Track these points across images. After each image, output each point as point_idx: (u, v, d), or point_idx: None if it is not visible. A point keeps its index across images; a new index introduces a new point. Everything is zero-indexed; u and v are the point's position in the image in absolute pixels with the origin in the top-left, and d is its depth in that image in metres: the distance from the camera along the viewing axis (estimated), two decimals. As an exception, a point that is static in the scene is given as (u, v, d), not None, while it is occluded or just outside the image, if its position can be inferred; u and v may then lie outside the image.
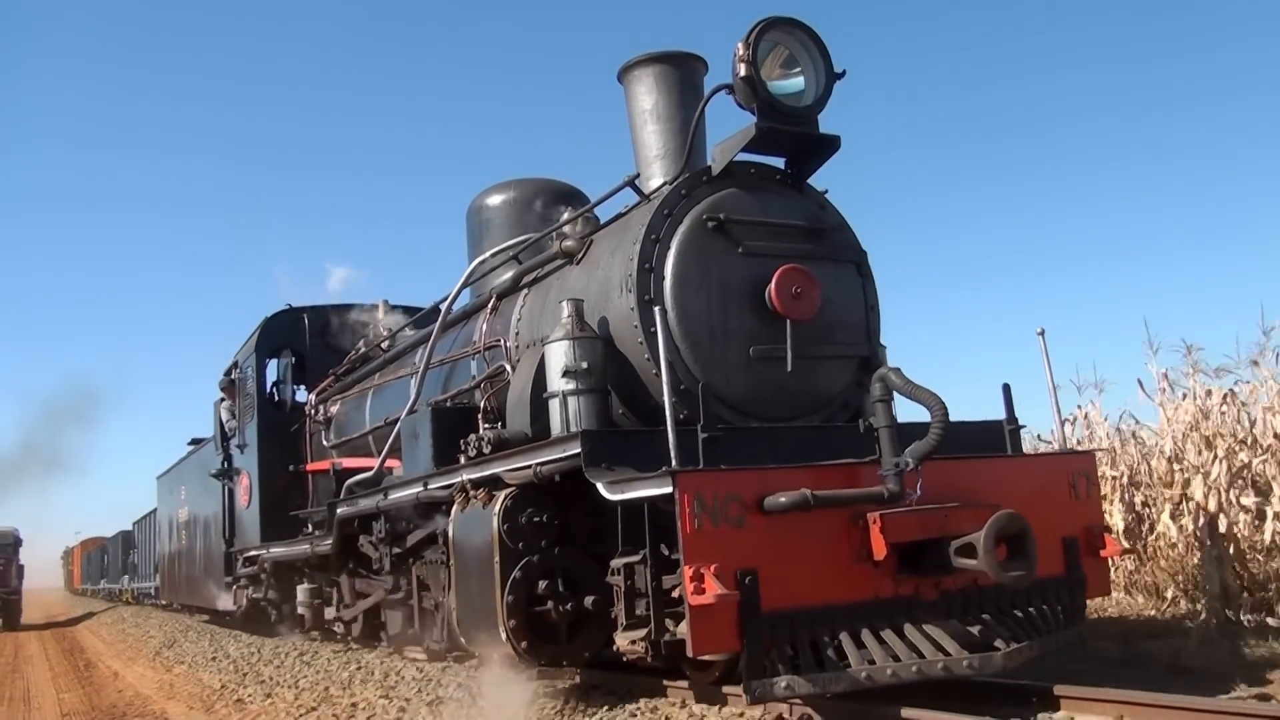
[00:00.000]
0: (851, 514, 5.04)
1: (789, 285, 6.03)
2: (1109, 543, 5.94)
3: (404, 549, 8.00)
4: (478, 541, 6.16)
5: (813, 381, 6.29)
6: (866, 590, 5.08)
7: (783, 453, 5.54)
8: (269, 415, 12.57)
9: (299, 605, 10.80)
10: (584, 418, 5.93)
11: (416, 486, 7.29)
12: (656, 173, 6.83)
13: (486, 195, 8.79)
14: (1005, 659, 5.07)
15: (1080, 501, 5.94)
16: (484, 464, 6.32)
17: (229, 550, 13.77)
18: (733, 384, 6.02)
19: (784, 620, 4.81)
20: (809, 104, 6.26)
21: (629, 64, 7.03)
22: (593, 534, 6.02)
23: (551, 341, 6.15)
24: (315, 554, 9.92)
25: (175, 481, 19.34)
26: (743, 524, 4.77)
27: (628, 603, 5.37)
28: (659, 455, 4.98)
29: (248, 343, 13.12)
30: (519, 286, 7.63)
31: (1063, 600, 5.73)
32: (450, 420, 7.33)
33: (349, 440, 10.74)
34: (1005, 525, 5.01)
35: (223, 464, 13.94)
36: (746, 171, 6.49)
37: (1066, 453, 6.16)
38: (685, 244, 6.10)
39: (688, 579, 4.58)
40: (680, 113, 6.88)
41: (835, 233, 6.65)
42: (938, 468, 5.21)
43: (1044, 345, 6.26)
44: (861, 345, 6.57)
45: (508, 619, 5.81)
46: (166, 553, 20.67)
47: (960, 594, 5.34)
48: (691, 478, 4.71)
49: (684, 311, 6.00)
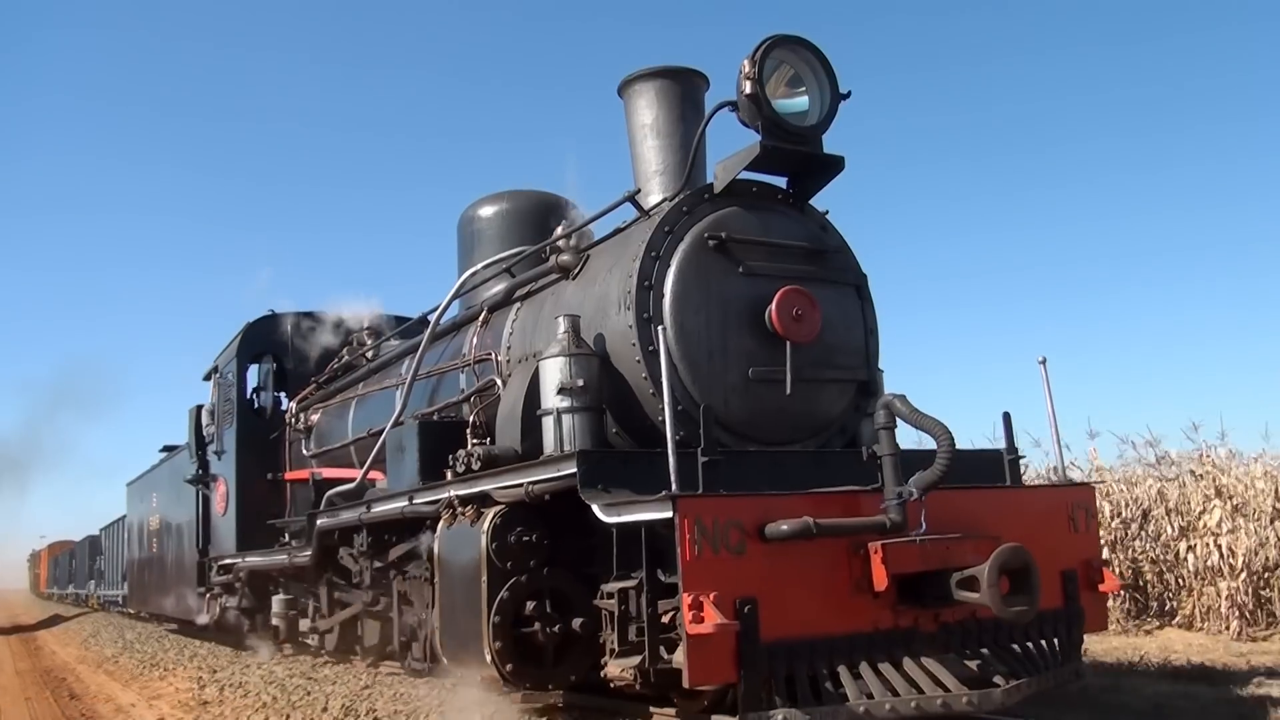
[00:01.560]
0: (852, 543, 4.93)
1: (790, 307, 5.93)
2: (1108, 577, 5.85)
3: (385, 563, 7.84)
4: (464, 559, 6.02)
5: (811, 405, 6.19)
6: (865, 622, 4.96)
7: (781, 478, 5.43)
8: (248, 422, 12.37)
9: (274, 616, 10.58)
10: (579, 436, 5.80)
11: (401, 500, 7.14)
12: (655, 189, 6.73)
13: (479, 206, 8.67)
14: (1004, 696, 4.97)
15: (1079, 534, 5.86)
16: (473, 480, 6.18)
17: (202, 559, 13.51)
18: (731, 406, 5.90)
19: (782, 651, 4.69)
20: (813, 124, 6.18)
21: (630, 78, 6.94)
22: (581, 555, 5.89)
23: (546, 357, 6.02)
24: (293, 564, 9.73)
25: (146, 488, 19.02)
26: (743, 551, 4.64)
27: (620, 628, 5.23)
28: (656, 478, 4.86)
29: (229, 347, 12.91)
30: (511, 300, 7.50)
31: (1060, 635, 5.64)
32: (437, 434, 7.19)
33: (330, 450, 10.56)
34: (1009, 559, 4.91)
35: (198, 470, 13.71)
36: (748, 190, 6.40)
37: (1066, 485, 6.06)
38: (686, 262, 6.00)
39: (686, 607, 4.45)
40: (681, 128, 6.79)
41: (836, 255, 6.56)
42: (939, 497, 5.10)
43: (1045, 374, 6.18)
44: (860, 369, 6.48)
45: (493, 640, 5.66)
46: (136, 560, 20.31)
47: (959, 627, 5.23)
48: (692, 503, 4.58)
49: (683, 331, 5.89)
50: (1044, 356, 6.22)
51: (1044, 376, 6.20)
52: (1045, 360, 6.21)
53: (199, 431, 13.88)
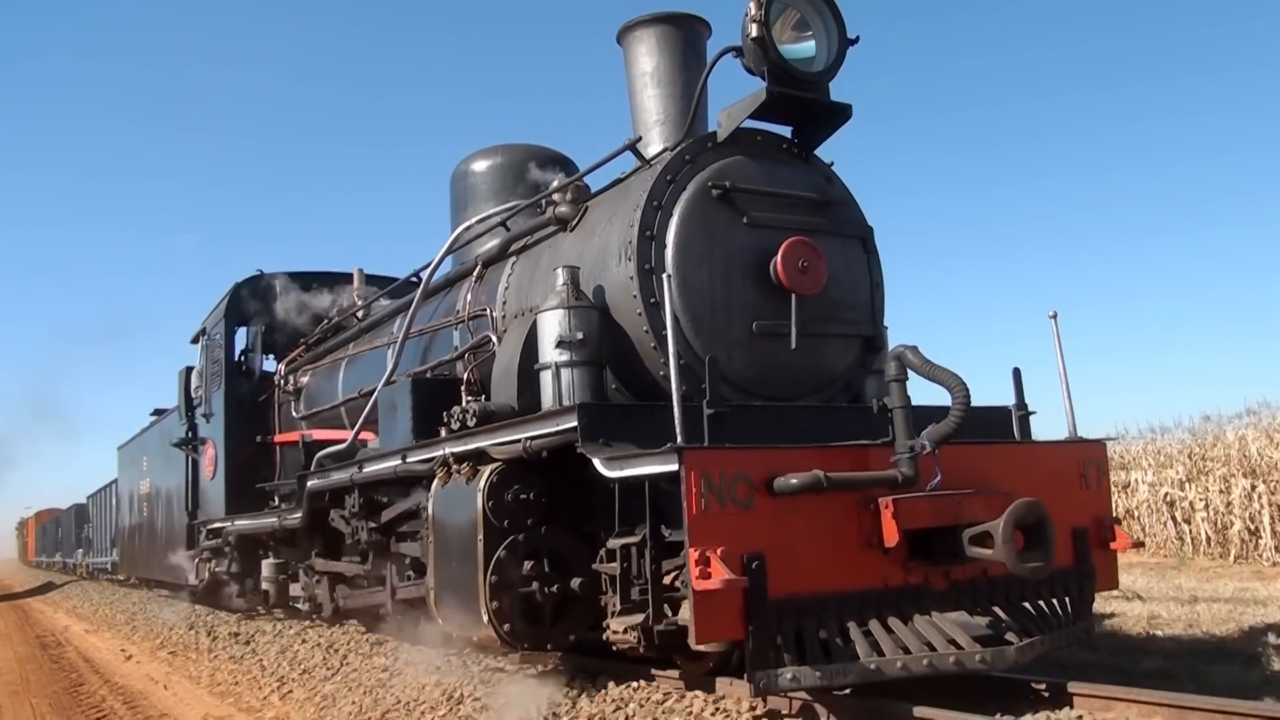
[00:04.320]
0: (862, 498, 4.78)
1: (795, 259, 5.76)
2: (1119, 535, 5.72)
3: (378, 524, 7.67)
4: (460, 519, 5.86)
5: (817, 360, 6.03)
6: (875, 578, 4.82)
7: (787, 433, 5.29)
8: (237, 384, 12.15)
9: (263, 581, 10.42)
10: (578, 390, 5.64)
11: (394, 459, 6.97)
12: (656, 138, 6.54)
13: (472, 160, 8.47)
14: (1018, 654, 4.84)
15: (1090, 491, 5.73)
16: (468, 437, 6.02)
17: (192, 522, 13.34)
18: (734, 360, 5.74)
19: (790, 608, 4.54)
20: (820, 70, 5.98)
21: (629, 24, 6.73)
22: (580, 513, 5.74)
23: (545, 310, 5.84)
24: (283, 528, 9.56)
25: (137, 452, 18.80)
26: (751, 506, 4.49)
27: (623, 587, 5.08)
28: (659, 432, 4.70)
29: (216, 308, 12.68)
30: (507, 254, 7.31)
31: (1070, 593, 5.51)
32: (431, 392, 7.02)
33: (319, 412, 10.38)
34: (1024, 514, 4.77)
35: (187, 433, 13.51)
36: (753, 139, 6.20)
37: (1077, 441, 5.91)
38: (689, 212, 5.81)
39: (693, 562, 4.29)
40: (682, 76, 6.59)
41: (842, 206, 6.38)
42: (950, 452, 4.96)
43: (1056, 329, 6.01)
44: (866, 324, 6.32)
45: (490, 600, 5.52)
46: (126, 526, 20.11)
47: (970, 584, 5.10)
48: (698, 456, 4.42)
49: (685, 283, 5.71)
50: (1054, 311, 6.06)
51: (1055, 331, 6.04)
52: (1056, 315, 6.05)
53: (188, 394, 13.69)
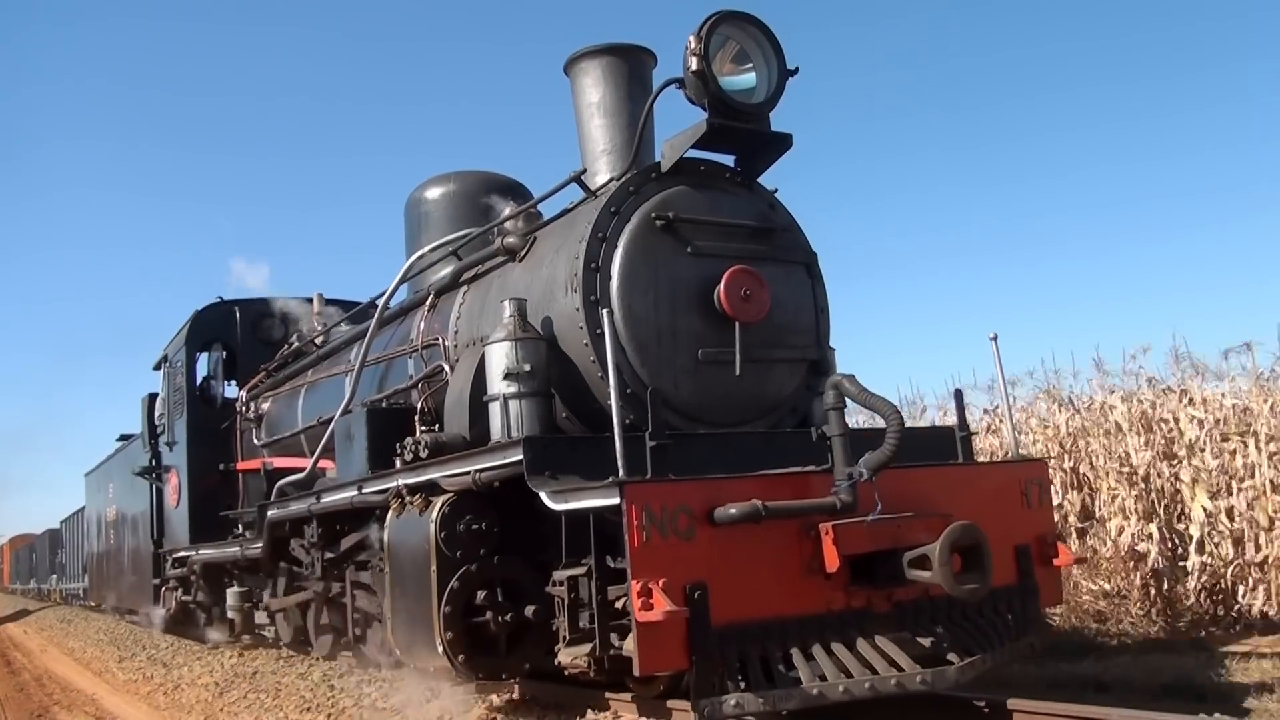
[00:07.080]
0: (803, 525, 4.88)
1: (738, 287, 5.86)
2: (1062, 552, 5.85)
3: (337, 554, 7.72)
4: (414, 550, 5.91)
5: (761, 386, 6.13)
6: (818, 603, 4.91)
7: (732, 460, 5.37)
8: (199, 411, 12.15)
9: (229, 609, 10.43)
10: (526, 422, 5.70)
11: (350, 490, 7.01)
12: (603, 168, 6.63)
13: (425, 188, 8.53)
14: (959, 673, 4.94)
15: (1033, 510, 5.84)
16: (421, 469, 6.08)
17: (157, 550, 13.31)
18: (680, 388, 5.83)
19: (733, 635, 4.63)
20: (760, 100, 6.09)
21: (576, 55, 6.81)
22: (533, 542, 5.80)
23: (492, 342, 5.91)
24: (245, 556, 9.58)
25: (103, 479, 18.72)
26: (692, 536, 4.57)
27: (571, 616, 5.16)
28: (605, 462, 4.78)
29: (177, 336, 12.66)
30: (458, 283, 7.37)
31: (1014, 610, 5.62)
32: (386, 421, 7.06)
33: (280, 439, 10.39)
34: (960, 537, 4.88)
35: (150, 461, 13.48)
36: (696, 169, 6.30)
37: (1018, 460, 6.04)
38: (633, 243, 5.90)
39: (635, 594, 4.38)
40: (628, 106, 6.68)
41: (785, 233, 6.49)
42: (891, 476, 5.06)
43: (996, 350, 6.15)
44: (811, 349, 6.42)
45: (444, 630, 5.57)
46: (95, 552, 20.01)
47: (913, 605, 5.20)
48: (639, 489, 4.50)
49: (631, 313, 5.80)
50: (995, 333, 6.20)
51: (995, 353, 6.18)
52: (996, 337, 6.19)
53: (151, 422, 13.66)
